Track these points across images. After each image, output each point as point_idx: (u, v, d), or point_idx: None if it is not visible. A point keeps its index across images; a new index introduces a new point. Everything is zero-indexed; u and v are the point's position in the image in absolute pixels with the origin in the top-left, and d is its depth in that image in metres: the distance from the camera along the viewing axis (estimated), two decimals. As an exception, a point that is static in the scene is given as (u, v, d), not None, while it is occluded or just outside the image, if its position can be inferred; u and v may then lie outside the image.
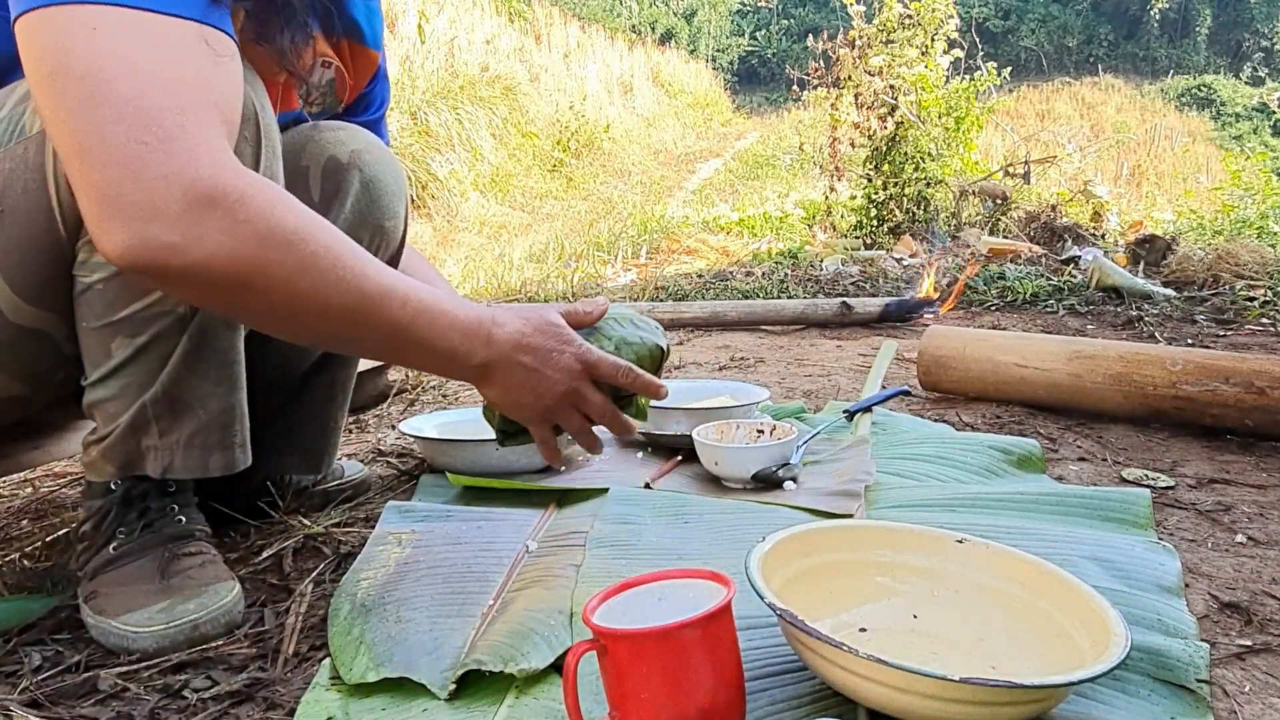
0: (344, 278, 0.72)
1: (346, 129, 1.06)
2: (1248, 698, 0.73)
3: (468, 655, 0.76)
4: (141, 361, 0.85)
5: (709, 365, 2.24)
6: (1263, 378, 1.41)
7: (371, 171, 1.05)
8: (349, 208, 1.04)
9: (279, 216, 0.69)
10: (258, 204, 0.68)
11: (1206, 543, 1.05)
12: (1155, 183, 10.32)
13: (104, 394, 0.86)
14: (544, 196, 8.68)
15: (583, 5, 14.54)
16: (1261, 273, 3.12)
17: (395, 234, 1.09)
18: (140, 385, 0.85)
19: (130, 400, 0.86)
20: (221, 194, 0.66)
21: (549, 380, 0.85)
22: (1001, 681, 0.58)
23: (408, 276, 0.79)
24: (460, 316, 0.80)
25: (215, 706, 0.74)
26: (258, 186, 0.69)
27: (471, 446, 1.24)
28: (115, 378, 0.85)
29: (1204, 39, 17.36)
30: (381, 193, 1.06)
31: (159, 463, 0.87)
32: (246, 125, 0.81)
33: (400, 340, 0.78)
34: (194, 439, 0.89)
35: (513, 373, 0.84)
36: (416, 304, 0.77)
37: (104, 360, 0.85)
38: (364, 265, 0.74)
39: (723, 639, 0.64)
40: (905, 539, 0.84)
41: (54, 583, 0.97)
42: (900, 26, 5.18)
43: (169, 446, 0.87)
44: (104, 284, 0.82)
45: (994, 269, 3.56)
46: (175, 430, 0.87)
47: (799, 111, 12.03)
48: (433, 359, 0.81)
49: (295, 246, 0.69)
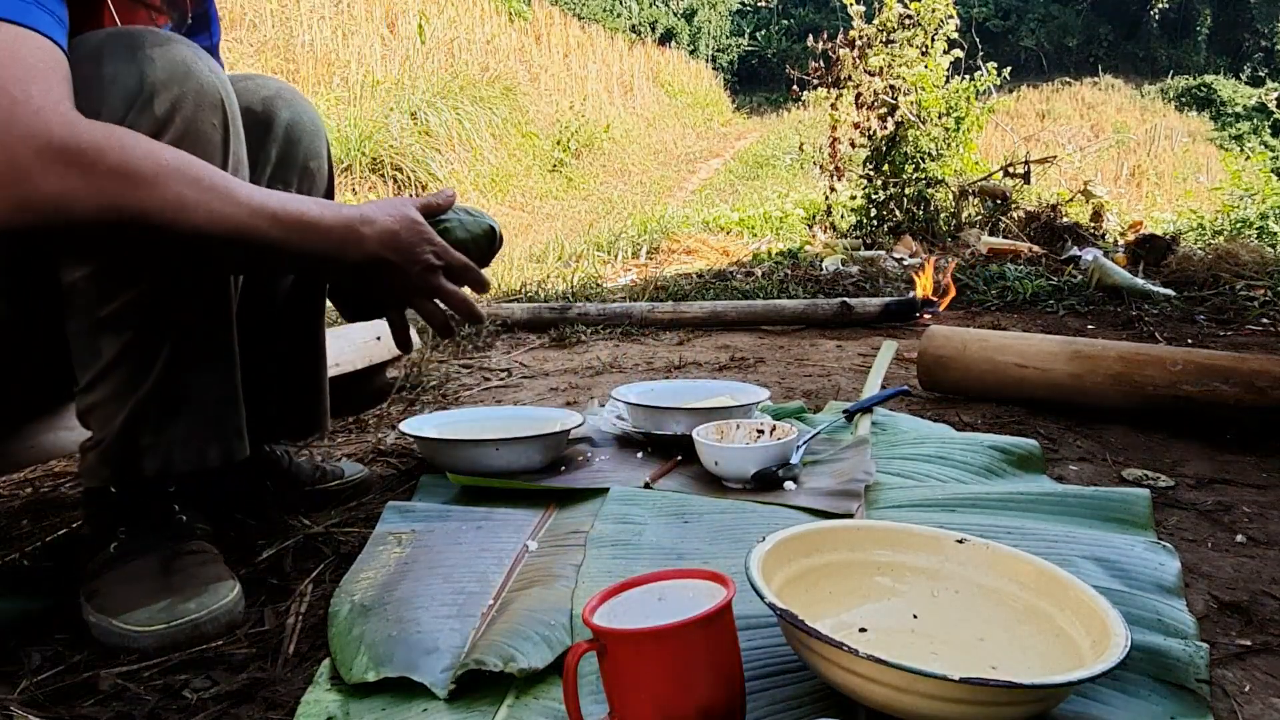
0: (212, 207, 0.75)
1: (251, 77, 1.07)
2: (1248, 698, 0.73)
3: (468, 655, 0.76)
4: (131, 358, 0.84)
5: (709, 365, 2.24)
6: (1263, 378, 1.41)
7: (289, 115, 1.07)
8: (274, 155, 1.06)
9: (136, 162, 0.72)
10: (115, 153, 0.71)
11: (1206, 543, 1.05)
12: (1155, 183, 10.32)
13: (97, 397, 0.85)
14: (544, 196, 8.68)
15: (583, 5, 14.54)
16: (1261, 273, 3.13)
17: (321, 173, 1.13)
18: (132, 384, 0.85)
19: (124, 401, 0.85)
20: (78, 150, 0.69)
21: (412, 273, 0.92)
22: (1001, 681, 0.58)
23: (278, 191, 0.82)
24: (330, 224, 0.84)
25: (215, 706, 0.74)
26: (111, 136, 0.72)
27: (471, 447, 1.24)
28: (107, 379, 0.85)
29: (1204, 39, 17.35)
30: (301, 134, 1.09)
31: (156, 461, 0.87)
32: (214, 112, 0.84)
33: (278, 255, 0.82)
34: (191, 433, 0.88)
35: (380, 267, 0.89)
36: (286, 220, 0.80)
37: (94, 361, 0.84)
38: (230, 190, 0.77)
39: (723, 639, 0.64)
40: (905, 539, 0.84)
41: (54, 583, 0.97)
42: (900, 26, 5.18)
43: (166, 444, 0.87)
44: (85, 280, 0.82)
45: (994, 269, 3.56)
46: (171, 426, 0.87)
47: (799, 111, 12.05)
48: (310, 264, 0.86)
49: (159, 187, 0.73)
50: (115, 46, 0.80)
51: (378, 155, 6.58)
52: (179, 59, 0.82)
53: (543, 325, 2.84)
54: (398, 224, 0.89)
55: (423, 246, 0.92)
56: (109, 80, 0.79)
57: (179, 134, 0.81)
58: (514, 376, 2.17)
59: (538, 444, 1.26)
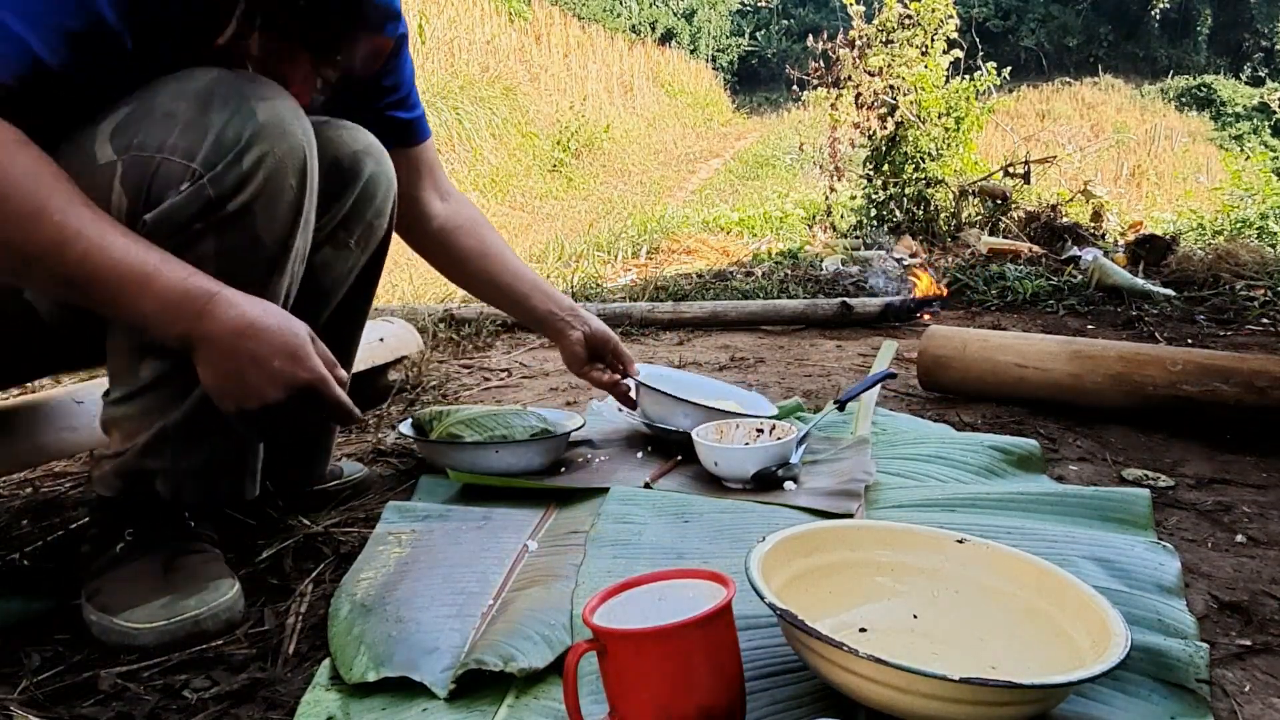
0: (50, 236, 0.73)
1: (349, 127, 1.07)
2: (1248, 698, 0.73)
3: (468, 655, 0.76)
4: (168, 385, 0.86)
5: (709, 365, 2.24)
6: (1263, 378, 1.41)
7: (372, 170, 1.07)
8: (348, 206, 1.06)
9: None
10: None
11: (1206, 543, 1.05)
12: (1155, 183, 10.31)
13: (125, 412, 0.87)
14: (544, 197, 8.68)
15: (583, 5, 14.53)
16: (1261, 273, 3.12)
17: (380, 230, 1.13)
18: (162, 410, 0.86)
19: (150, 423, 0.86)
20: None
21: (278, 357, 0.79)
22: (1001, 681, 0.58)
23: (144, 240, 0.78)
24: (167, 287, 0.76)
25: (215, 706, 0.74)
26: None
27: (471, 448, 1.24)
28: (140, 398, 0.86)
29: (1204, 39, 17.35)
30: (377, 190, 1.09)
31: (168, 486, 0.88)
32: (295, 175, 0.85)
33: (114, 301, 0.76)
34: (207, 467, 0.90)
35: (226, 357, 0.79)
36: (126, 270, 0.75)
37: (131, 380, 0.86)
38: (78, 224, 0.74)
39: (723, 639, 0.64)
40: (905, 539, 0.84)
41: (54, 583, 0.97)
42: (900, 26, 5.17)
43: (180, 473, 0.88)
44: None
45: (994, 269, 3.56)
46: (189, 457, 0.88)
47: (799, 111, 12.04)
48: (136, 318, 0.78)
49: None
50: (223, 92, 0.82)
51: (378, 155, 6.57)
52: (278, 117, 0.84)
53: (543, 325, 2.83)
54: (271, 320, 0.80)
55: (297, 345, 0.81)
56: (211, 127, 0.80)
57: (258, 190, 0.83)
58: (514, 376, 2.17)
59: (538, 446, 1.26)
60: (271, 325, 0.79)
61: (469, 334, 2.66)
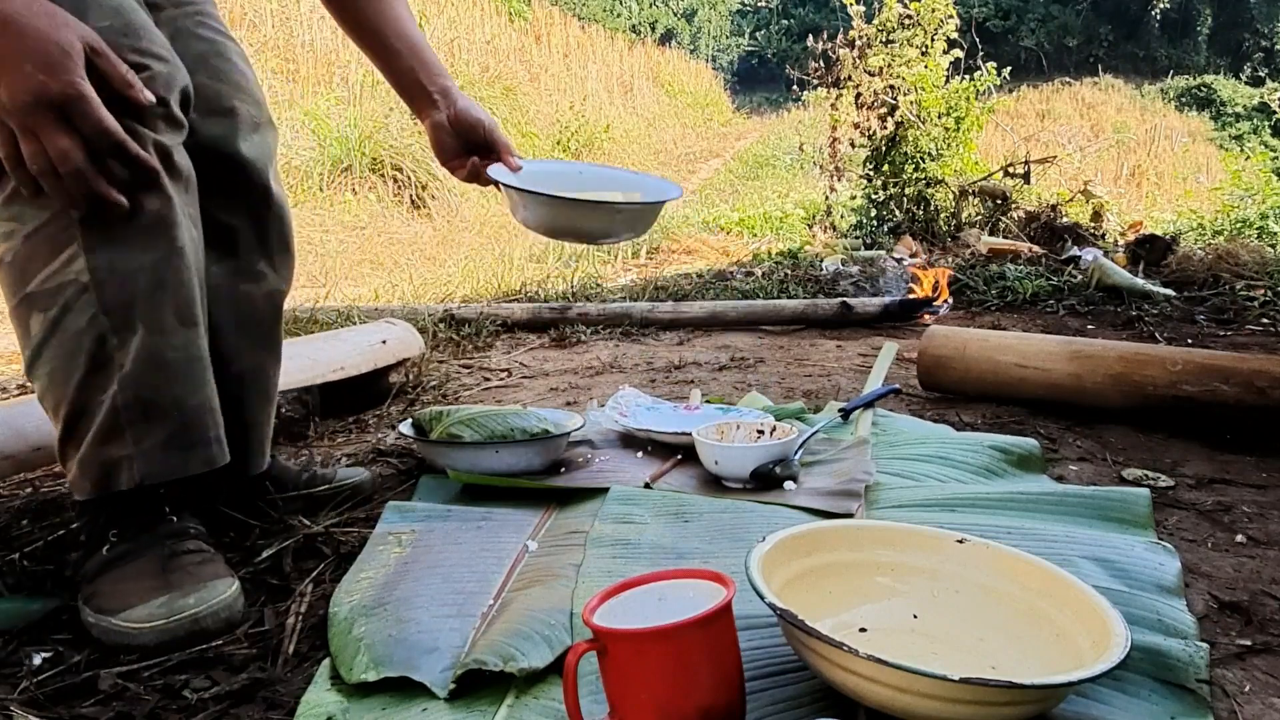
0: None
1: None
2: (1248, 698, 0.73)
3: (468, 655, 0.76)
4: (59, 338, 0.84)
5: (709, 365, 2.24)
6: (1263, 378, 1.41)
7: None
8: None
9: None
10: None
11: (1206, 543, 1.05)
12: (1155, 183, 10.31)
13: (38, 384, 0.86)
14: (544, 196, 8.65)
15: (583, 5, 14.54)
16: (1261, 273, 3.12)
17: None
18: (65, 370, 0.84)
19: (60, 389, 0.85)
20: None
21: (30, 61, 0.69)
22: (1001, 681, 0.58)
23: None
24: None
25: (215, 706, 0.74)
26: None
27: (471, 448, 1.24)
28: (41, 361, 0.85)
29: (1204, 39, 17.35)
30: None
31: (136, 471, 0.87)
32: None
33: None
34: (171, 440, 0.89)
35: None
36: None
37: (27, 340, 0.85)
38: None
39: (723, 639, 0.64)
40: (905, 539, 0.84)
41: (54, 583, 0.97)
42: (900, 26, 5.17)
43: (145, 452, 0.87)
44: (12, 254, 0.82)
45: (994, 269, 3.56)
46: (149, 435, 0.87)
47: (799, 111, 12.02)
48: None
49: None
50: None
51: (378, 155, 6.56)
52: None
53: (543, 325, 2.84)
54: (38, 19, 0.70)
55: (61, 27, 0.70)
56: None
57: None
58: (514, 376, 2.17)
59: (538, 446, 1.26)
60: (38, 26, 0.69)
61: (469, 334, 2.66)
